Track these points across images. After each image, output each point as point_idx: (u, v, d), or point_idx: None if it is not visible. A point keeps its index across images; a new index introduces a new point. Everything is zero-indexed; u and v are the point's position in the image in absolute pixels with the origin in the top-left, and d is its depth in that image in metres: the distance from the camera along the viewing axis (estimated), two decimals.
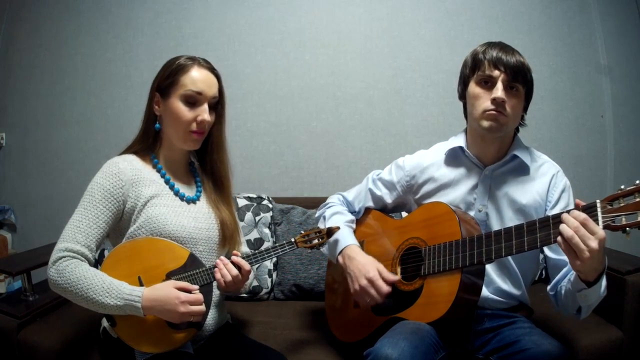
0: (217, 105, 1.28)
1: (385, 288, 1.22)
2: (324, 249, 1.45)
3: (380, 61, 2.28)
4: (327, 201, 1.58)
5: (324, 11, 2.28)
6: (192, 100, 1.22)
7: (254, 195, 2.03)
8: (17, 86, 2.41)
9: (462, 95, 1.34)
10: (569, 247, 0.96)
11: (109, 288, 1.10)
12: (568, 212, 0.98)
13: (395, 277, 1.25)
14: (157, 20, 2.31)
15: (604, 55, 2.26)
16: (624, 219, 0.91)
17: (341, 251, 1.36)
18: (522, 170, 1.30)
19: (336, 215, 1.47)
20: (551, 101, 2.27)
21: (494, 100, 1.21)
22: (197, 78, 1.22)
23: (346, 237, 1.38)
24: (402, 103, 2.29)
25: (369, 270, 1.25)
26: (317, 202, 2.00)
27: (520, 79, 1.22)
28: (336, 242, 1.38)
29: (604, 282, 1.10)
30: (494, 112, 1.21)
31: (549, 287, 1.23)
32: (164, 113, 1.25)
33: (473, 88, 1.27)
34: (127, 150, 1.31)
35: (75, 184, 2.39)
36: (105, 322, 1.24)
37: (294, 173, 2.34)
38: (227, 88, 2.34)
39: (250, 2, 2.29)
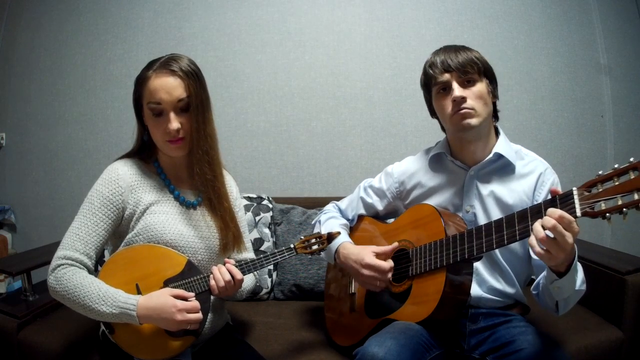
0: (188, 106, 1.18)
1: (385, 265, 1.24)
2: (322, 254, 1.46)
3: (380, 61, 2.28)
4: (323, 209, 1.60)
5: (324, 11, 2.28)
6: (157, 112, 1.16)
7: (254, 195, 2.03)
8: (17, 86, 2.41)
9: (433, 112, 1.36)
10: (542, 254, 0.96)
11: (104, 296, 1.09)
12: (544, 204, 0.97)
13: (389, 247, 1.27)
14: (157, 20, 2.31)
15: (604, 55, 2.26)
16: (603, 205, 0.89)
17: (337, 250, 1.37)
18: (507, 170, 1.29)
19: (331, 220, 1.50)
20: (551, 101, 2.27)
21: (454, 101, 1.22)
22: (154, 88, 1.15)
23: (339, 237, 1.39)
24: (402, 103, 2.29)
25: (363, 257, 1.26)
26: (317, 202, 2.01)
27: (470, 70, 1.22)
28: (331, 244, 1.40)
29: (579, 275, 1.10)
30: (458, 112, 1.22)
31: (532, 287, 1.24)
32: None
33: (436, 101, 1.30)
34: (129, 156, 1.29)
35: (75, 184, 2.39)
36: (103, 327, 1.23)
37: (294, 173, 2.34)
38: (227, 88, 2.36)
39: (250, 2, 2.29)
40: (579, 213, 0.92)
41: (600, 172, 0.91)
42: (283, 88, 2.30)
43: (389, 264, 1.24)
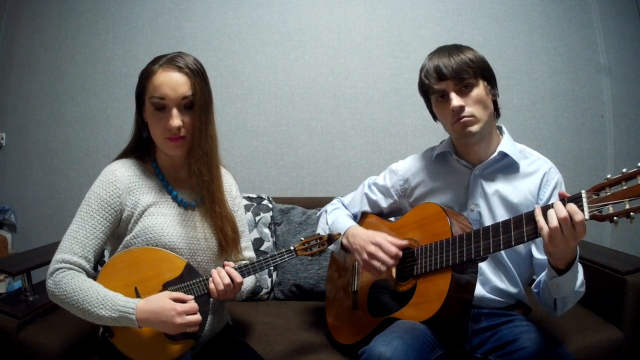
0: (192, 104, 1.16)
1: (394, 249, 1.22)
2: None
3: (380, 61, 2.28)
4: (328, 204, 1.60)
5: (324, 11, 2.28)
6: (159, 107, 1.14)
7: (254, 195, 2.03)
8: (17, 86, 2.41)
9: (435, 117, 1.36)
10: (549, 235, 0.96)
11: (103, 299, 1.09)
12: (552, 205, 0.97)
13: (403, 242, 1.25)
14: (157, 20, 2.31)
15: (604, 55, 2.27)
16: (611, 208, 0.89)
17: (344, 233, 1.37)
18: (512, 169, 1.29)
19: (338, 210, 1.51)
20: (551, 101, 2.27)
21: (453, 111, 1.22)
22: (159, 82, 1.13)
23: (347, 223, 1.40)
24: (402, 103, 2.29)
25: (374, 236, 1.26)
26: (317, 202, 2.01)
27: (466, 75, 1.20)
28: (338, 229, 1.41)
29: (579, 276, 1.11)
30: (458, 121, 1.22)
31: (533, 285, 1.24)
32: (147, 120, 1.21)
33: (436, 108, 1.29)
34: (127, 155, 1.27)
35: (75, 184, 2.39)
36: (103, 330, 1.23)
37: (294, 173, 2.34)
38: (227, 88, 2.36)
39: (250, 2, 2.29)
40: (587, 216, 0.92)
41: (608, 176, 0.91)
42: (283, 88, 2.30)
43: (396, 250, 1.23)
